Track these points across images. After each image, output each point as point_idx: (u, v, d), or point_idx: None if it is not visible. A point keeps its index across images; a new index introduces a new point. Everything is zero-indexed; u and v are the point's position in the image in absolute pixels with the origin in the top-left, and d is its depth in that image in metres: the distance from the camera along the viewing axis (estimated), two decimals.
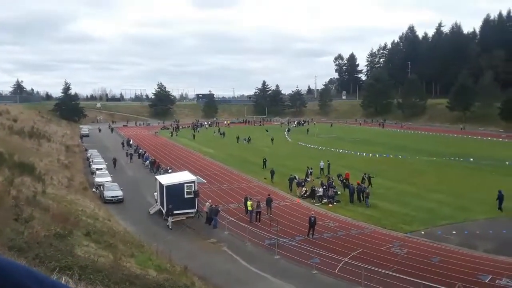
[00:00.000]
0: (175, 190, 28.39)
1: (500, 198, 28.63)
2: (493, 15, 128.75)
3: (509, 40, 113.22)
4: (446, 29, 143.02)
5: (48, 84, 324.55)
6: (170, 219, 26.87)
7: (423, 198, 33.03)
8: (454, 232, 25.09)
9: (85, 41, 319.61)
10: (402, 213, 29.12)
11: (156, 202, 30.75)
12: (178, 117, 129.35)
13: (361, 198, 31.68)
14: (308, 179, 37.41)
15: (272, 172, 40.28)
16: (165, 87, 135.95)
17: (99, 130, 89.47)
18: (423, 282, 16.44)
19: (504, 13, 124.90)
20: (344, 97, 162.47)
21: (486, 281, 18.34)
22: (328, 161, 44.64)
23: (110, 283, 9.66)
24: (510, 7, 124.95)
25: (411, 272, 19.01)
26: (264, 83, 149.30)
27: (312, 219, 24.64)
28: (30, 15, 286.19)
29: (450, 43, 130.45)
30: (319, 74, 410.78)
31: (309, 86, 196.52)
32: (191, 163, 51.09)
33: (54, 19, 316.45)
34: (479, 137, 79.12)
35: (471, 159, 50.39)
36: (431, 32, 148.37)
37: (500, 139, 75.42)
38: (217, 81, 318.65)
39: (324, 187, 33.34)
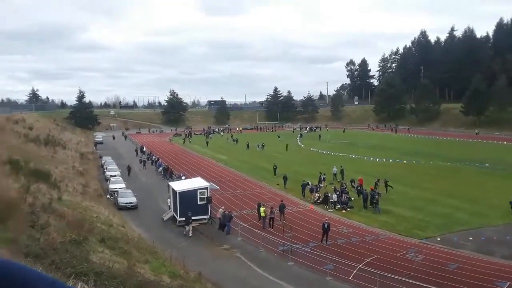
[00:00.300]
0: (188, 197, 28.48)
1: None
2: (506, 19, 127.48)
3: None
4: (458, 33, 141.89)
5: (62, 92, 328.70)
6: (189, 227, 26.74)
7: (438, 203, 32.60)
8: (470, 238, 24.69)
9: (96, 49, 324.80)
10: (417, 218, 28.76)
11: (170, 209, 30.87)
12: (190, 124, 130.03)
13: (373, 204, 31.37)
14: (321, 185, 37.22)
15: (285, 178, 40.06)
16: (177, 94, 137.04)
17: (113, 137, 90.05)
18: None
19: None
20: (356, 103, 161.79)
21: None
22: (341, 166, 44.41)
23: None
24: None
25: (427, 279, 18.73)
26: (275, 89, 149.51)
27: (326, 225, 24.48)
28: (42, 25, 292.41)
29: (463, 47, 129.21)
30: (330, 80, 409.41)
31: (320, 92, 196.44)
32: (204, 169, 51.24)
33: (66, 29, 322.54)
34: (495, 141, 77.96)
35: (487, 164, 49.66)
36: (443, 37, 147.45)
37: None
38: (229, 88, 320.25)
39: (338, 192, 33.14)
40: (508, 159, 53.67)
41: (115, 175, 42.87)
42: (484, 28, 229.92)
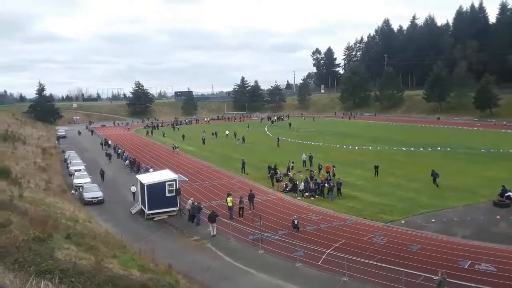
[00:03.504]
0: (156, 189, 28.14)
1: (435, 176, 34.13)
2: (466, 7, 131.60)
3: (481, 31, 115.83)
4: (420, 21, 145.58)
5: (21, 85, 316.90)
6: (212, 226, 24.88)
7: (403, 188, 33.62)
8: (433, 220, 25.62)
9: (54, 40, 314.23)
10: (383, 203, 29.56)
11: (135, 200, 30.41)
12: (157, 115, 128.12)
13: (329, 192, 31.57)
14: (290, 173, 37.57)
15: (243, 164, 41.84)
16: (142, 86, 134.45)
17: (79, 133, 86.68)
18: (405, 270, 16.72)
19: (476, 4, 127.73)
20: (322, 91, 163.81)
21: (466, 267, 18.80)
22: (310, 153, 45.00)
23: (93, 285, 9.50)
24: None
25: (392, 260, 19.34)
26: (242, 79, 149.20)
27: (296, 222, 24.77)
28: None
29: (425, 35, 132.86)
30: (297, 68, 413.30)
31: (287, 81, 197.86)
32: (172, 161, 50.74)
33: (20, 19, 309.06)
34: (454, 126, 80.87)
35: (448, 148, 51.46)
36: (406, 25, 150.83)
37: (475, 128, 77.32)
38: (195, 78, 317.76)
39: (306, 180, 33.58)
40: (467, 143, 55.89)
41: (79, 170, 41.80)
42: (445, 16, 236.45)
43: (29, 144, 57.15)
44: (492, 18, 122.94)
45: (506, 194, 28.49)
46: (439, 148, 51.94)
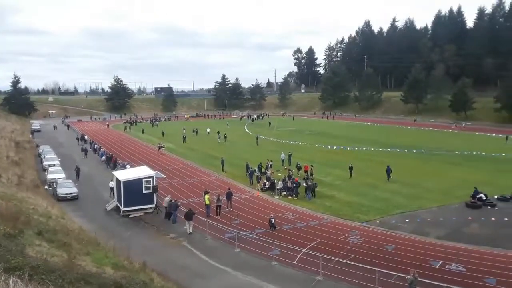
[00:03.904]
0: (133, 186, 27.78)
1: (388, 171, 36.60)
2: (444, 11, 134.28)
3: (459, 35, 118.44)
4: (400, 24, 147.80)
5: None
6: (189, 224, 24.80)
7: (379, 188, 34.11)
8: (407, 220, 26.08)
9: (34, 33, 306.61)
10: (359, 203, 29.93)
11: (112, 192, 29.93)
12: (136, 111, 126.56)
13: (306, 192, 31.73)
14: (268, 172, 37.65)
15: (222, 162, 41.83)
16: (121, 81, 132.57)
17: (55, 127, 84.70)
18: (378, 269, 16.97)
19: (455, 9, 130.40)
20: (303, 90, 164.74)
21: (437, 267, 19.19)
22: (289, 152, 45.21)
23: (64, 283, 9.32)
24: (460, 3, 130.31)
25: (367, 260, 19.60)
26: (223, 76, 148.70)
27: (273, 220, 24.84)
28: None
29: (404, 38, 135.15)
30: (278, 67, 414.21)
31: (268, 80, 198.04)
32: (150, 158, 50.23)
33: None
34: (430, 128, 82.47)
35: (423, 150, 52.43)
36: (386, 27, 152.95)
37: (450, 130, 79.05)
38: (176, 74, 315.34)
39: (284, 179, 33.71)
40: (443, 145, 57.14)
41: (53, 165, 40.93)
42: (424, 20, 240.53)
43: (2, 137, 55.67)
44: (470, 22, 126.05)
45: (477, 196, 29.22)
46: (414, 151, 52.86)
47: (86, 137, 64.78)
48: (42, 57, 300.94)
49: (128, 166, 40.16)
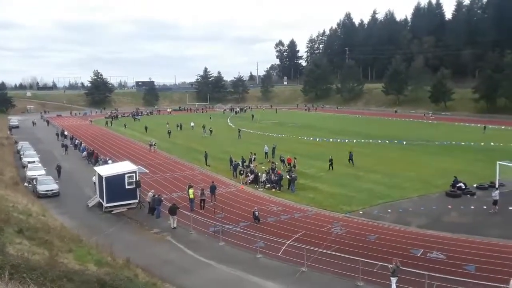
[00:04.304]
0: (115, 181, 27.44)
1: (351, 157, 39.65)
2: (423, 3, 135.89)
3: (438, 27, 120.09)
4: (380, 16, 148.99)
5: None
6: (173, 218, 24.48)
7: (362, 179, 34.49)
8: (389, 210, 26.47)
9: (8, 27, 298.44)
10: (342, 194, 30.23)
11: (95, 186, 29.59)
12: (117, 105, 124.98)
13: (289, 185, 31.82)
14: (252, 165, 37.68)
15: (206, 156, 41.79)
16: (101, 75, 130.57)
17: (34, 123, 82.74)
18: (361, 259, 17.20)
19: (434, 1, 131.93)
20: (285, 83, 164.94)
21: (418, 255, 19.56)
22: (274, 145, 45.31)
23: (46, 281, 9.22)
24: None
25: (350, 250, 19.84)
26: (205, 69, 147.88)
27: (256, 213, 24.89)
28: None
29: (384, 30, 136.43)
30: (260, 60, 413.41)
31: (251, 73, 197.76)
32: (132, 153, 49.72)
33: None
34: (411, 119, 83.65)
35: (404, 142, 53.18)
36: (366, 19, 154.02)
37: (430, 121, 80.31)
38: (158, 68, 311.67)
39: (267, 172, 33.78)
40: (423, 136, 58.06)
41: (33, 161, 40.16)
42: (404, 12, 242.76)
43: None
44: (449, 14, 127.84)
45: (457, 185, 29.84)
46: (395, 141, 53.57)
47: (66, 133, 63.74)
48: (18, 52, 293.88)
49: (110, 161, 39.66)
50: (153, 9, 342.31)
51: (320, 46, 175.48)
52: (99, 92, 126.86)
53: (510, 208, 26.21)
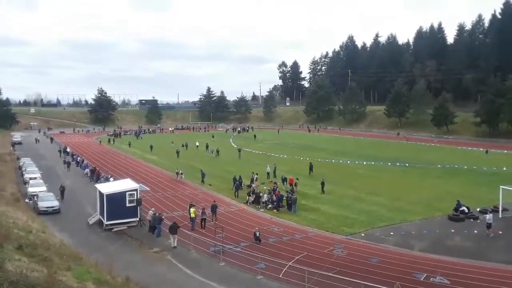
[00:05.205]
0: (116, 199, 27.36)
1: (311, 167, 43.33)
2: (425, 27, 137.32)
3: (440, 51, 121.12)
4: (383, 39, 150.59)
5: None
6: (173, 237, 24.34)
7: (363, 201, 34.28)
8: (392, 233, 26.22)
9: (15, 44, 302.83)
10: (344, 216, 30.00)
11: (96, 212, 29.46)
12: (120, 123, 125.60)
13: (289, 206, 31.56)
14: (253, 185, 37.56)
15: (203, 174, 41.80)
16: (105, 92, 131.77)
17: (36, 140, 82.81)
18: (363, 282, 16.96)
19: (436, 25, 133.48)
20: (288, 104, 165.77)
21: (422, 279, 19.27)
22: (274, 165, 45.24)
23: None
24: (440, 19, 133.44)
25: (352, 273, 19.58)
26: (209, 89, 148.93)
27: (257, 234, 24.70)
28: None
29: (387, 53, 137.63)
30: (263, 80, 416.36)
31: (253, 93, 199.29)
32: (133, 171, 49.68)
33: None
34: (413, 142, 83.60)
35: (407, 164, 53.04)
36: (369, 42, 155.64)
37: (432, 144, 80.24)
38: (161, 87, 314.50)
39: (269, 192, 33.65)
40: (425, 158, 57.90)
41: (34, 178, 40.15)
42: (406, 35, 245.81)
43: None
44: (450, 38, 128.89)
45: (460, 209, 29.61)
46: (398, 164, 53.45)
47: (68, 149, 63.88)
48: (23, 68, 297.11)
49: (111, 178, 39.64)
50: (158, 29, 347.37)
51: (323, 67, 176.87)
52: (102, 110, 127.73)
53: None
